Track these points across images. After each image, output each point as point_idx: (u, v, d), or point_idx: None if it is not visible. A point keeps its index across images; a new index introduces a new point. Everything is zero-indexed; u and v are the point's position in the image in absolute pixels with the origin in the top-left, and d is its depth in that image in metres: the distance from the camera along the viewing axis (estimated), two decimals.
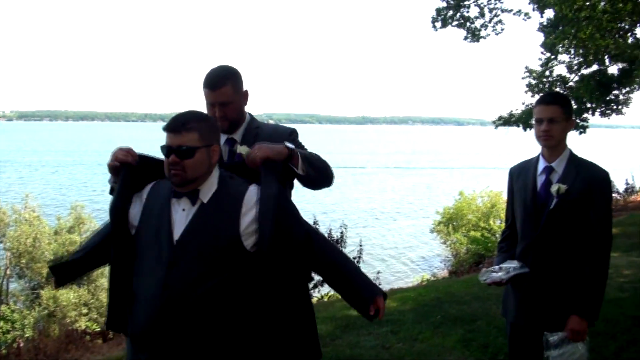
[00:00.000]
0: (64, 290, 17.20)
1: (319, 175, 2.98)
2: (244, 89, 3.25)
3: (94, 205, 32.40)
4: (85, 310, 17.53)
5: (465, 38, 14.89)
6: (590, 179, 3.17)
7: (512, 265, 3.29)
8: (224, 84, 3.11)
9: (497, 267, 3.35)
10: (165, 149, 2.51)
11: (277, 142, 2.96)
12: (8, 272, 19.10)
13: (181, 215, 2.55)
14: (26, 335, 14.46)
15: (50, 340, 9.00)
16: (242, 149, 2.95)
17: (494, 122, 17.11)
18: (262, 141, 2.90)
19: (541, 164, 3.33)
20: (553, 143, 3.26)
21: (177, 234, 2.51)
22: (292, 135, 3.24)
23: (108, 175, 2.82)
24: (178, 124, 2.51)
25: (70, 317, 16.51)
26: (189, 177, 2.51)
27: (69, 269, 2.74)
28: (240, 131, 3.25)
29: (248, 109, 3.30)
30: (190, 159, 2.49)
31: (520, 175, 3.44)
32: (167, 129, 2.52)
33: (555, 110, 3.22)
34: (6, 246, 19.71)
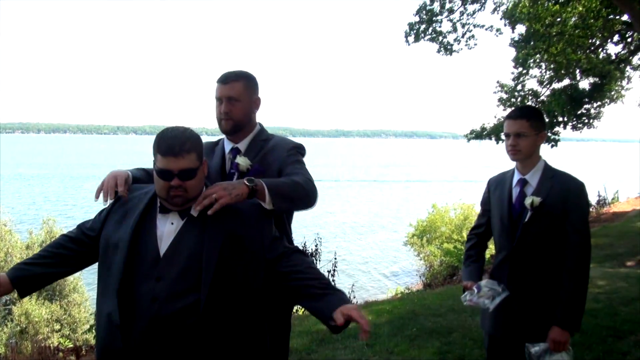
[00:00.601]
0: (35, 306, 16.96)
1: (292, 205, 2.89)
2: (257, 96, 3.23)
3: (66, 219, 31.98)
4: (57, 327, 17.30)
5: (439, 51, 15.03)
6: (565, 190, 3.21)
7: (492, 287, 3.29)
8: (236, 79, 3.11)
9: (475, 288, 3.33)
10: (167, 174, 2.46)
11: (280, 154, 3.07)
12: None
13: (169, 228, 2.53)
14: None
15: (23, 357, 8.87)
16: (241, 160, 2.99)
17: (466, 136, 17.28)
18: (266, 154, 3.07)
19: (516, 177, 3.38)
20: (520, 157, 3.30)
21: (163, 248, 2.50)
22: (292, 151, 3.19)
23: (80, 189, 2.81)
24: (177, 148, 2.45)
25: (43, 333, 16.28)
26: (190, 197, 2.51)
27: (29, 281, 2.68)
28: (246, 140, 3.21)
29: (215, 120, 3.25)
30: (192, 180, 2.49)
31: (497, 187, 3.48)
32: (165, 152, 2.45)
33: (522, 125, 3.26)
34: None
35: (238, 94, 3.10)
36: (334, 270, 11.91)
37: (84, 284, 19.69)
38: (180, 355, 2.43)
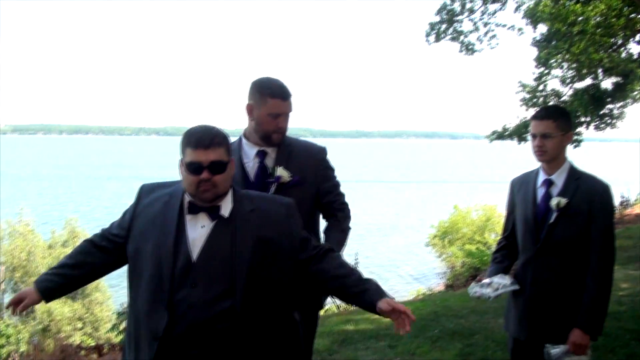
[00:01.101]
0: (58, 305, 17.14)
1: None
2: None
3: (88, 219, 32.27)
4: (80, 325, 17.47)
5: (460, 50, 14.92)
6: (590, 192, 3.15)
7: (502, 281, 3.29)
8: (290, 95, 3.19)
9: (487, 280, 3.35)
10: (197, 167, 2.44)
11: (310, 162, 3.20)
12: (2, 286, 19.01)
13: (200, 232, 2.50)
14: (21, 349, 14.37)
15: (45, 355, 8.94)
16: (281, 172, 3.07)
17: (488, 137, 17.15)
18: (295, 160, 3.15)
19: (541, 177, 3.32)
20: (547, 158, 3.25)
21: (195, 252, 2.48)
22: (322, 154, 3.35)
23: (102, 189, 2.83)
24: (207, 140, 2.45)
25: (65, 331, 16.46)
26: (220, 192, 2.49)
27: (56, 292, 2.76)
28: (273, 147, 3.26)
29: (236, 121, 3.33)
30: (222, 173, 2.47)
31: (521, 187, 3.42)
32: (196, 145, 2.44)
33: (548, 126, 3.20)
34: (0, 260, 19.63)
35: (292, 109, 3.23)
36: None
37: (106, 284, 19.85)
38: (216, 357, 2.44)
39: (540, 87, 15.99)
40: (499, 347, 5.68)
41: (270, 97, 3.13)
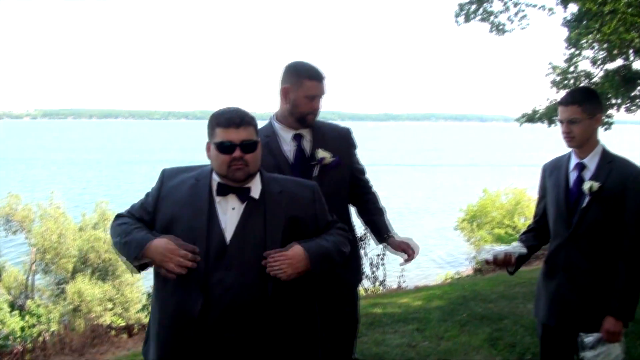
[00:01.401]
0: (88, 286, 17.39)
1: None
2: None
3: (118, 202, 32.65)
4: (110, 305, 17.70)
5: (490, 31, 14.70)
6: (624, 176, 3.07)
7: (505, 248, 3.28)
8: (325, 77, 3.24)
9: (489, 246, 3.34)
10: (228, 145, 2.46)
11: (342, 143, 3.32)
12: (33, 267, 19.33)
13: (232, 215, 2.52)
14: (51, 329, 14.62)
15: (76, 335, 9.06)
16: (323, 153, 3.16)
17: (517, 120, 16.94)
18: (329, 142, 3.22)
19: (573, 161, 3.24)
20: (575, 144, 3.18)
21: (228, 235, 2.49)
22: (350, 134, 3.47)
23: (132, 173, 2.80)
24: (238, 119, 2.48)
25: (95, 312, 16.69)
26: (251, 171, 2.51)
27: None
28: (308, 129, 3.31)
29: (266, 104, 3.38)
30: (253, 152, 2.49)
31: (553, 172, 3.34)
32: (227, 124, 2.46)
33: (574, 111, 3.11)
34: (31, 242, 19.95)
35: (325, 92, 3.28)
36: (383, 254, 11.81)
37: None
38: (250, 340, 2.46)
39: (571, 69, 15.73)
40: (528, 332, 5.62)
41: (307, 79, 3.17)
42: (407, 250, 3.34)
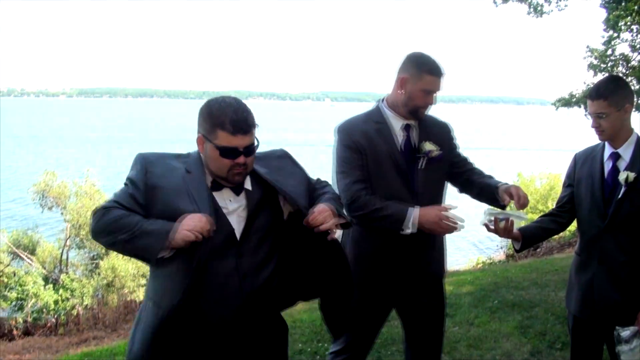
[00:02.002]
0: (122, 262, 17.60)
1: None
2: None
3: None
4: (143, 282, 17.89)
5: (528, 13, 14.46)
6: None
7: (508, 212, 3.21)
8: (444, 73, 3.21)
9: (489, 209, 3.27)
10: (233, 152, 2.37)
11: (444, 137, 3.33)
12: (68, 242, 19.63)
13: (233, 206, 2.49)
14: (85, 303, 14.86)
15: (109, 310, 9.22)
16: (430, 146, 3.16)
17: (554, 104, 16.67)
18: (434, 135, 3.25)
19: (607, 150, 3.16)
20: (605, 137, 3.11)
21: (234, 223, 2.47)
22: (450, 127, 3.50)
23: (167, 151, 2.71)
24: (245, 125, 2.38)
25: (129, 287, 16.87)
26: (249, 172, 2.49)
27: None
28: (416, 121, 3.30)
29: (300, 85, 3.30)
30: (253, 155, 2.45)
31: (586, 162, 3.26)
32: (234, 130, 2.35)
33: (600, 105, 3.03)
34: (66, 218, 20.22)
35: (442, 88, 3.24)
36: None
37: None
38: (267, 317, 2.55)
39: (609, 52, 15.41)
40: (558, 320, 5.57)
41: (427, 73, 3.14)
42: (513, 194, 3.20)
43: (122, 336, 7.29)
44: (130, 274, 17.50)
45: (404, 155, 3.21)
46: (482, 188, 3.42)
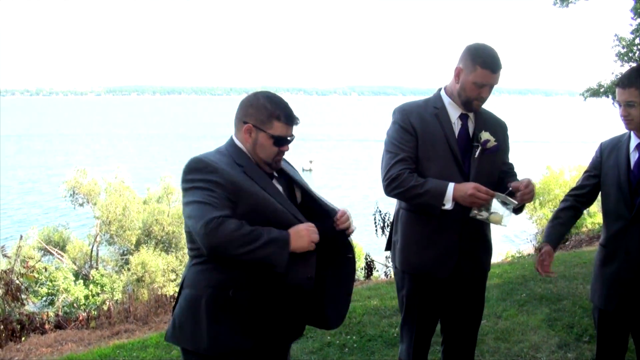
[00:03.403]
0: (152, 257, 17.80)
1: None
2: None
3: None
4: (173, 277, 18.07)
5: (554, 3, 14.30)
6: None
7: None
8: (501, 67, 3.17)
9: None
10: (285, 140, 2.63)
11: (500, 132, 3.31)
12: (98, 238, 19.89)
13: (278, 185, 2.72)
14: (115, 298, 15.04)
15: (140, 304, 9.30)
16: (487, 136, 3.18)
17: (582, 94, 16.47)
18: (490, 127, 3.25)
19: (634, 141, 3.12)
20: (634, 127, 3.07)
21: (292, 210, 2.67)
22: (506, 125, 3.48)
23: (194, 148, 2.84)
24: (294, 116, 2.65)
25: (159, 282, 17.08)
26: None
27: None
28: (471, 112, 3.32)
29: (327, 80, 3.31)
30: None
31: (612, 152, 3.22)
32: (287, 120, 2.63)
33: (631, 94, 3.00)
34: (97, 214, 20.49)
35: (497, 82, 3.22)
36: None
37: None
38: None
39: (637, 40, 15.16)
40: (586, 313, 5.53)
41: (480, 66, 3.11)
42: (519, 187, 3.13)
43: (153, 329, 7.35)
44: (160, 269, 17.71)
45: (460, 142, 3.22)
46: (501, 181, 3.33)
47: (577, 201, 3.36)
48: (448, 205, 3.03)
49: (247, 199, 2.50)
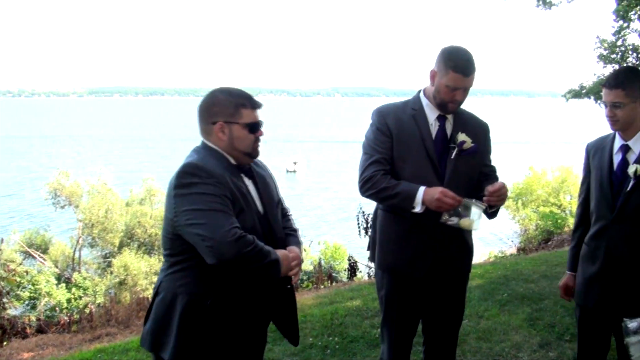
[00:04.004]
0: (134, 259, 17.68)
1: None
2: None
3: (165, 178, 33.17)
4: (155, 279, 17.96)
5: (537, 5, 14.39)
6: None
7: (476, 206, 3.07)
8: (474, 70, 3.18)
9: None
10: (257, 125, 2.68)
11: (480, 133, 3.31)
12: (80, 241, 19.74)
13: (250, 187, 2.71)
14: (97, 301, 14.94)
15: (122, 307, 9.27)
16: (464, 137, 3.18)
17: (564, 95, 16.59)
18: (470, 129, 3.26)
19: (617, 142, 3.14)
20: (619, 127, 3.09)
21: (257, 199, 2.72)
22: (488, 127, 3.47)
23: (177, 151, 2.87)
24: (259, 102, 2.70)
25: (141, 285, 16.96)
26: None
27: None
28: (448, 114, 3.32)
29: (310, 81, 3.33)
30: None
31: (597, 152, 3.25)
32: (253, 106, 2.67)
33: (617, 95, 3.02)
34: (79, 217, 20.33)
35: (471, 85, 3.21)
36: None
37: None
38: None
39: (619, 42, 15.29)
40: (568, 312, 5.57)
41: (453, 70, 3.12)
42: (490, 189, 3.09)
43: (135, 332, 7.32)
44: (143, 272, 17.59)
45: (437, 143, 3.23)
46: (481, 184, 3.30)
47: (582, 208, 3.39)
48: (418, 208, 3.06)
49: (239, 203, 2.55)
